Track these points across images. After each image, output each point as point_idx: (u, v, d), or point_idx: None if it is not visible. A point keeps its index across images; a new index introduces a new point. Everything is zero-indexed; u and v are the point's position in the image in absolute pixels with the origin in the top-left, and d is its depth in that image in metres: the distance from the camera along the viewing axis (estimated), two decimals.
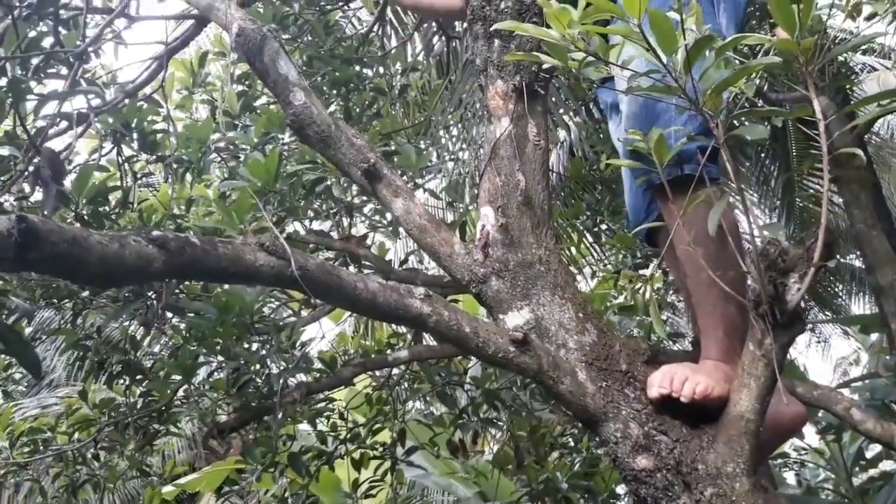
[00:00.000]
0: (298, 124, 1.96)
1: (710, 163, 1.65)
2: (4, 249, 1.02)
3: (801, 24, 1.39)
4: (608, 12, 1.33)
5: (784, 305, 1.47)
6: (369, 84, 3.64)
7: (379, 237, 3.91)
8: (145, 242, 1.24)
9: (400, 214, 1.91)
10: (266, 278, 1.45)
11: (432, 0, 2.52)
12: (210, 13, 2.17)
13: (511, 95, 1.82)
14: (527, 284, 1.75)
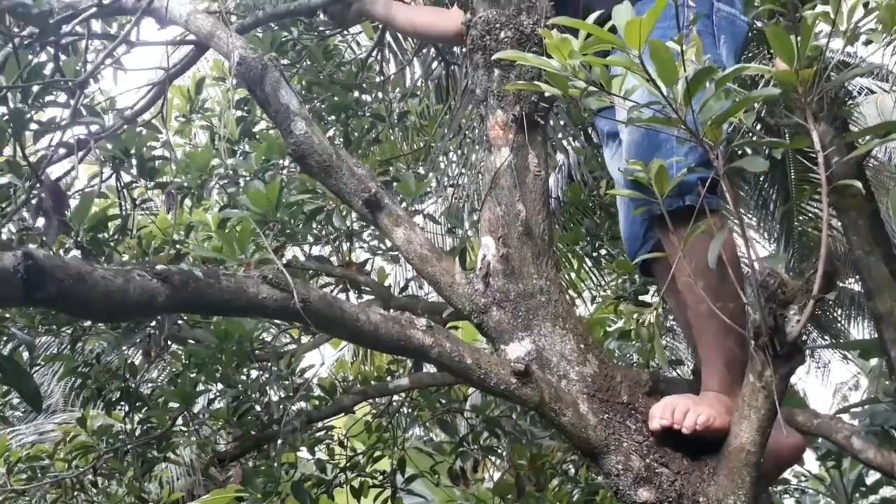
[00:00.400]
0: (300, 154, 1.97)
1: (710, 193, 1.66)
2: (10, 287, 1.02)
3: (799, 55, 1.40)
4: (609, 43, 1.34)
5: (784, 337, 1.47)
6: (368, 109, 3.65)
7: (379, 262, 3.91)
8: (149, 276, 1.24)
9: (401, 244, 1.91)
10: (269, 311, 1.44)
11: (430, 25, 2.54)
12: (211, 41, 2.19)
13: (511, 125, 1.83)
14: (528, 315, 1.75)
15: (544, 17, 1.81)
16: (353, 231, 3.42)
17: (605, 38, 1.32)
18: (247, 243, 2.52)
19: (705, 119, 1.42)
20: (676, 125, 1.40)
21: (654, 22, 1.24)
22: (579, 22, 1.34)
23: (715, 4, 1.85)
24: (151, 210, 3.81)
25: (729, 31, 1.86)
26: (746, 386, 1.51)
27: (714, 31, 1.83)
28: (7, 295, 1.04)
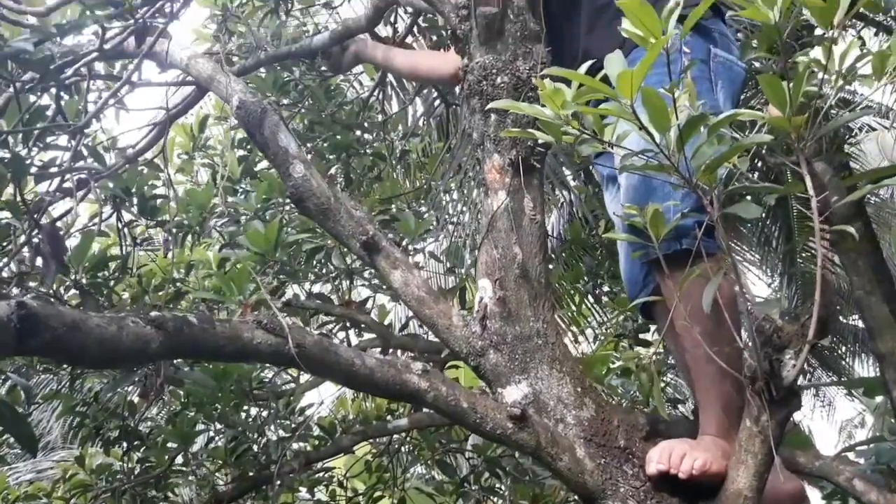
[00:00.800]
0: (298, 196, 1.98)
1: (707, 236, 1.66)
2: (4, 336, 1.03)
3: (791, 101, 1.41)
4: (601, 92, 1.36)
5: (780, 382, 1.46)
6: (370, 148, 3.68)
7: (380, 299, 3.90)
8: (143, 323, 1.25)
9: (398, 286, 1.92)
10: (264, 356, 1.45)
11: (430, 68, 2.58)
12: (211, 85, 2.22)
13: (507, 169, 1.84)
14: (525, 358, 1.75)
15: (540, 63, 1.83)
16: (354, 269, 3.43)
17: (596, 88, 1.33)
18: (245, 284, 2.53)
19: (698, 165, 1.43)
20: (669, 172, 1.41)
21: (646, 73, 1.26)
22: (571, 72, 1.36)
23: (712, 50, 1.87)
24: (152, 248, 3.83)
25: (726, 76, 1.87)
26: (743, 431, 1.50)
27: (711, 76, 1.85)
28: (0, 344, 1.04)
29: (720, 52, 1.87)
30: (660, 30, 1.30)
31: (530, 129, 1.57)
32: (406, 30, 3.31)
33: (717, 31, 1.90)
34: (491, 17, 1.83)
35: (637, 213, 1.58)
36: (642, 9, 1.30)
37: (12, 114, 2.07)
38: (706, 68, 1.83)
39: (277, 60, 2.81)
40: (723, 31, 1.93)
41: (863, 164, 6.93)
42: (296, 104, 3.50)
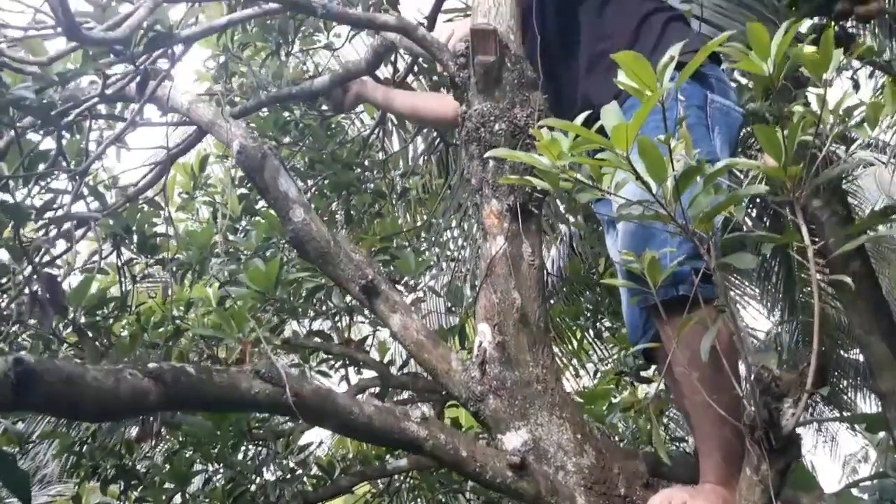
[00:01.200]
0: (298, 240, 2.00)
1: (705, 282, 1.66)
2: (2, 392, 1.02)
3: (787, 151, 1.42)
4: (597, 143, 1.37)
5: (779, 431, 1.45)
6: (370, 186, 3.69)
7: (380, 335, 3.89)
8: (141, 375, 1.24)
9: (397, 330, 1.92)
10: (262, 406, 1.44)
11: (430, 109, 2.60)
12: (212, 129, 2.23)
13: (506, 215, 1.85)
14: (524, 403, 1.74)
15: (537, 110, 1.84)
16: (353, 307, 3.42)
17: (592, 139, 1.34)
18: (245, 322, 2.53)
19: (695, 214, 1.43)
20: (666, 221, 1.41)
21: (641, 126, 1.27)
22: (568, 124, 1.37)
23: (709, 96, 1.88)
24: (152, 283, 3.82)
25: (723, 121, 1.89)
26: (743, 480, 1.49)
27: (708, 122, 1.86)
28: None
29: (717, 98, 1.88)
30: (655, 82, 1.31)
31: (528, 177, 1.58)
32: (406, 70, 3.35)
33: (714, 76, 1.92)
34: (488, 66, 1.85)
35: (634, 260, 1.59)
36: (637, 62, 1.31)
37: (13, 157, 2.08)
38: (703, 114, 1.84)
39: (278, 102, 2.84)
40: (720, 77, 1.94)
41: (860, 199, 6.96)
42: (296, 143, 3.52)
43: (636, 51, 1.28)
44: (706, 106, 1.86)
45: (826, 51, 1.37)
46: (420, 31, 1.99)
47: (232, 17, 1.96)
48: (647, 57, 1.26)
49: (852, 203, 6.11)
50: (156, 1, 1.55)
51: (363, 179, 3.70)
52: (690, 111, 1.80)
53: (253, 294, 2.73)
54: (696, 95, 1.85)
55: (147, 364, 1.28)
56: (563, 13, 2.04)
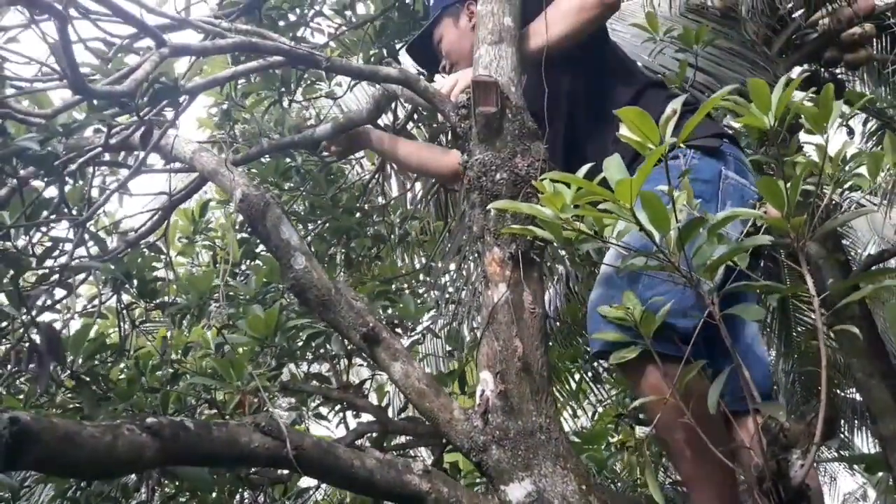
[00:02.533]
0: (299, 288, 1.99)
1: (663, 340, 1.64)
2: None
3: (789, 202, 1.43)
4: (600, 196, 1.37)
5: (788, 482, 1.44)
6: (370, 230, 3.70)
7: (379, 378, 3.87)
8: (139, 431, 1.23)
9: (398, 378, 1.90)
10: (261, 460, 1.42)
11: (434, 160, 2.61)
12: (215, 178, 2.24)
13: (508, 262, 1.85)
14: (528, 454, 1.72)
15: (539, 160, 1.86)
16: (352, 350, 3.40)
17: (595, 192, 1.35)
18: (243, 370, 2.51)
19: (699, 264, 1.44)
20: (670, 271, 1.41)
21: (644, 180, 1.28)
22: (571, 176, 1.38)
23: (723, 171, 1.90)
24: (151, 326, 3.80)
25: (737, 196, 1.89)
26: None
27: (720, 196, 1.87)
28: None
29: (732, 175, 1.90)
30: (657, 136, 1.33)
31: (530, 226, 1.59)
32: (406, 118, 3.38)
33: (732, 154, 1.94)
34: (490, 116, 1.87)
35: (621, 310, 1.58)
36: (640, 116, 1.32)
37: (15, 204, 2.08)
38: (715, 189, 1.85)
39: (280, 150, 2.85)
40: (739, 157, 1.96)
41: (854, 240, 6.99)
42: (297, 188, 3.54)
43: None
44: (719, 181, 1.88)
45: (826, 104, 1.39)
46: (422, 83, 2.02)
47: (237, 69, 1.98)
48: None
49: (845, 244, 6.14)
50: (161, 55, 1.57)
51: (363, 224, 3.72)
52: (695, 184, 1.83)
53: (251, 341, 2.72)
54: (708, 170, 1.88)
55: (145, 419, 1.26)
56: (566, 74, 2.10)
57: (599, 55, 2.15)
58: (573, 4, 2.05)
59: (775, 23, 4.51)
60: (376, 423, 3.19)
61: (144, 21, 1.69)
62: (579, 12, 2.03)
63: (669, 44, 3.24)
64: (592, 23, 2.05)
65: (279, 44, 1.87)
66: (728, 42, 3.99)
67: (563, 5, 2.07)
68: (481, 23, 2.08)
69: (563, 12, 2.06)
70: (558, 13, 2.07)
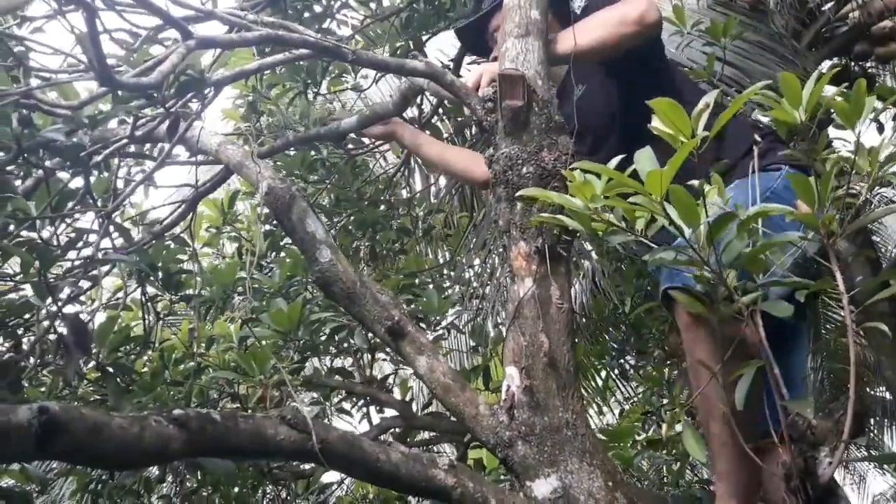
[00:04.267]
0: (324, 281, 1.98)
1: None
2: (24, 443, 1.01)
3: (820, 198, 1.40)
4: (630, 188, 1.35)
5: (816, 480, 1.42)
6: (395, 223, 3.70)
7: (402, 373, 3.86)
8: (166, 422, 1.23)
9: (424, 372, 1.89)
10: (287, 453, 1.42)
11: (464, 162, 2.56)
12: (241, 171, 2.24)
13: (534, 257, 1.83)
14: (554, 450, 1.70)
15: (565, 154, 1.83)
16: (376, 345, 3.40)
17: (626, 184, 1.33)
18: (267, 363, 2.52)
19: (729, 260, 1.41)
20: (699, 267, 1.39)
21: (674, 173, 1.25)
22: (602, 167, 1.36)
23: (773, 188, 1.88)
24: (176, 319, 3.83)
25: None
26: None
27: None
28: (20, 451, 1.03)
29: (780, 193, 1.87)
30: (689, 129, 1.30)
31: (559, 216, 1.56)
32: (431, 112, 3.36)
33: (781, 178, 1.90)
34: (516, 110, 1.85)
35: None
36: (672, 108, 1.30)
37: (40, 195, 2.09)
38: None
39: (306, 142, 2.85)
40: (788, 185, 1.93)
41: (884, 237, 6.87)
42: (322, 181, 3.54)
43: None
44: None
45: (858, 99, 1.35)
46: (448, 77, 2.00)
47: (263, 61, 1.97)
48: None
49: (875, 241, 6.03)
50: (188, 47, 1.56)
51: (388, 217, 3.71)
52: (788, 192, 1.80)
53: (275, 334, 2.73)
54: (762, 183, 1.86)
55: (172, 410, 1.26)
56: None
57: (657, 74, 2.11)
58: (613, 16, 2.01)
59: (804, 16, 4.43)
60: (400, 419, 3.18)
61: (170, 13, 1.69)
62: (617, 26, 1.99)
63: (697, 37, 3.20)
64: (628, 39, 2.00)
65: (305, 36, 1.86)
66: (756, 35, 3.93)
67: (603, 15, 2.03)
68: (508, 16, 2.05)
69: (600, 21, 2.02)
70: (596, 21, 2.03)
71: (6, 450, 1.00)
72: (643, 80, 2.05)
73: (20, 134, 1.61)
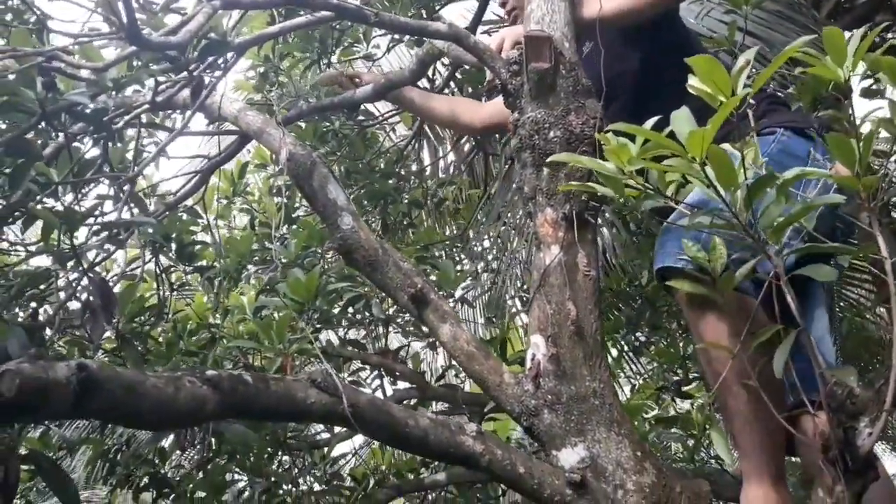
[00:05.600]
0: (346, 248, 1.96)
1: None
2: (62, 400, 1.00)
3: (860, 160, 1.37)
4: (668, 149, 1.32)
5: (855, 451, 1.39)
6: (406, 196, 3.68)
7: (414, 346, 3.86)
8: (199, 383, 1.22)
9: (447, 340, 1.88)
10: (316, 416, 1.41)
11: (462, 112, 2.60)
12: (261, 137, 2.22)
13: (561, 224, 1.81)
14: (581, 419, 1.69)
15: (593, 118, 1.80)
16: (390, 318, 3.39)
17: (664, 145, 1.30)
18: (285, 333, 2.50)
19: (766, 224, 1.38)
20: (738, 230, 1.37)
21: (716, 130, 1.23)
22: (637, 128, 1.33)
23: (812, 152, 1.87)
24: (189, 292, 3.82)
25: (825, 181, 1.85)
26: (816, 502, 1.42)
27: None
28: (58, 407, 1.02)
29: (819, 157, 1.85)
30: (729, 88, 1.27)
31: (590, 183, 1.54)
32: (444, 82, 3.33)
33: (819, 140, 1.89)
34: (543, 73, 1.82)
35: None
36: (711, 65, 1.27)
37: (62, 163, 2.07)
38: (801, 164, 1.81)
39: (319, 112, 2.82)
40: (784, 149, 1.92)
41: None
42: (334, 153, 3.52)
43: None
44: (808, 160, 1.84)
45: None
46: (472, 39, 1.96)
47: (285, 24, 1.94)
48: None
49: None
50: (213, 6, 1.53)
51: (399, 189, 3.69)
52: (783, 156, 1.81)
53: (292, 304, 2.71)
54: (800, 148, 1.86)
55: (205, 371, 1.25)
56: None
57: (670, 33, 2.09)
58: None
59: None
60: (414, 390, 3.18)
61: None
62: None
63: (717, 5, 3.15)
64: (653, 6, 1.99)
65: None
66: (775, 5, 3.87)
67: None
68: None
69: None
70: None
71: (45, 407, 0.98)
72: (660, 40, 2.04)
73: (44, 98, 1.58)
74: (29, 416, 1.11)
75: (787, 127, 1.89)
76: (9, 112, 1.71)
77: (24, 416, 1.08)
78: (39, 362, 0.97)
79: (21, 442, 2.19)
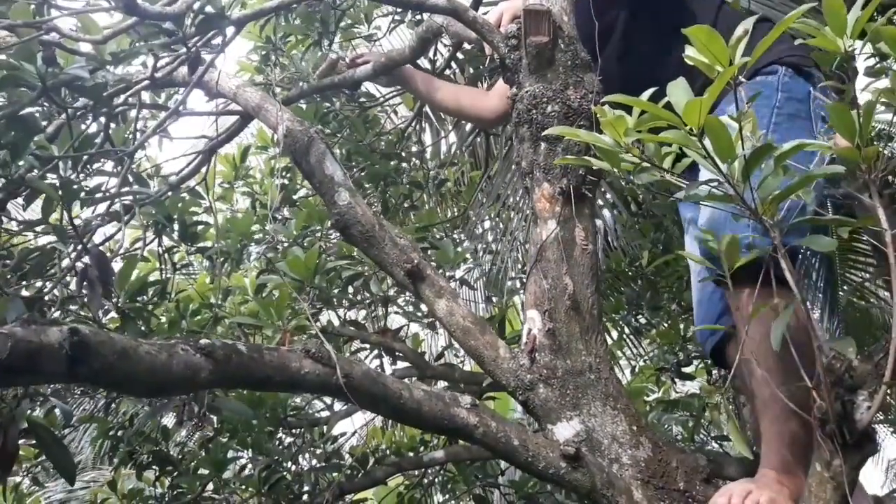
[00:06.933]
0: (343, 224, 1.96)
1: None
2: (55, 363, 1.00)
3: (861, 131, 1.36)
4: (665, 120, 1.32)
5: (853, 425, 1.39)
6: (406, 177, 3.67)
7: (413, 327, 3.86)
8: (193, 351, 1.22)
9: (443, 315, 1.88)
10: (311, 386, 1.41)
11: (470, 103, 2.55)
12: (259, 113, 2.22)
13: (558, 198, 1.81)
14: (576, 393, 1.69)
15: (592, 92, 1.80)
16: (389, 297, 3.40)
17: (661, 116, 1.29)
18: (284, 309, 2.51)
19: (765, 196, 1.38)
20: (735, 202, 1.36)
21: (713, 100, 1.22)
22: (634, 99, 1.32)
23: (812, 93, 1.83)
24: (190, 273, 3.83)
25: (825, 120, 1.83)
26: (813, 476, 1.42)
27: (812, 116, 1.80)
28: (51, 371, 1.02)
29: (820, 96, 1.82)
30: (727, 58, 1.26)
31: (586, 157, 1.53)
32: (445, 62, 3.31)
33: (818, 78, 1.86)
34: (541, 47, 1.81)
35: (713, 239, 1.54)
36: (709, 35, 1.26)
37: (63, 140, 2.07)
38: (805, 108, 1.79)
39: (320, 91, 2.81)
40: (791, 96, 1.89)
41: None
42: (335, 134, 3.51)
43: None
44: (809, 101, 1.81)
45: None
46: (470, 13, 1.95)
47: (283, 0, 1.93)
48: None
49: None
50: None
51: (400, 170, 3.68)
52: (790, 104, 1.76)
53: (292, 282, 2.72)
54: (798, 89, 1.81)
55: (199, 340, 1.25)
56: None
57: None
58: None
59: None
60: (413, 369, 3.19)
61: None
62: None
63: None
64: None
65: None
66: None
67: None
68: None
69: None
70: None
71: (37, 370, 0.99)
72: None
73: (45, 73, 1.58)
74: (21, 378, 1.11)
75: (786, 63, 1.84)
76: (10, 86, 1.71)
77: (16, 378, 1.09)
78: (32, 326, 0.97)
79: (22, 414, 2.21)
